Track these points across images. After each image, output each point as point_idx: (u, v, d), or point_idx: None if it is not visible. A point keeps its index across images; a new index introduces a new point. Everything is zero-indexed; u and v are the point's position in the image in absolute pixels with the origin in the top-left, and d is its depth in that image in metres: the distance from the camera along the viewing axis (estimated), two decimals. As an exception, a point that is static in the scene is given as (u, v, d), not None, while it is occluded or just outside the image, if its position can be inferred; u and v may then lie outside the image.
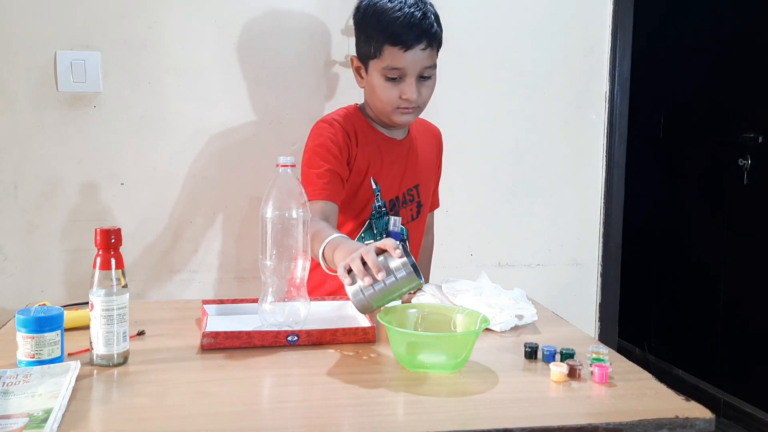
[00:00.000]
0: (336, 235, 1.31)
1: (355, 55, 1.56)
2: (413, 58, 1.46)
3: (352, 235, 1.56)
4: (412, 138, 1.66)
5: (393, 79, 1.48)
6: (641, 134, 3.01)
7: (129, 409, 0.94)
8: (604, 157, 2.16)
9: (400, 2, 1.46)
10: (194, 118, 1.90)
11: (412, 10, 1.45)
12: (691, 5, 3.11)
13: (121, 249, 1.08)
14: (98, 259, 1.07)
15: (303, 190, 1.26)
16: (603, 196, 2.17)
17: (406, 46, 1.45)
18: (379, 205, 1.58)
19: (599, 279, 2.20)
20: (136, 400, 0.97)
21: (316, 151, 1.51)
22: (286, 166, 1.25)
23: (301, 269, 1.25)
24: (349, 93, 1.97)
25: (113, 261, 1.07)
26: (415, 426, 0.90)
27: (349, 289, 1.15)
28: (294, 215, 1.23)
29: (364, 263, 1.13)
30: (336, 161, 1.50)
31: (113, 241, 1.07)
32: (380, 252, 1.15)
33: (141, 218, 1.89)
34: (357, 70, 1.57)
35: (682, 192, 3.16)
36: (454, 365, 1.08)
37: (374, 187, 1.57)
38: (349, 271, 1.15)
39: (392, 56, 1.46)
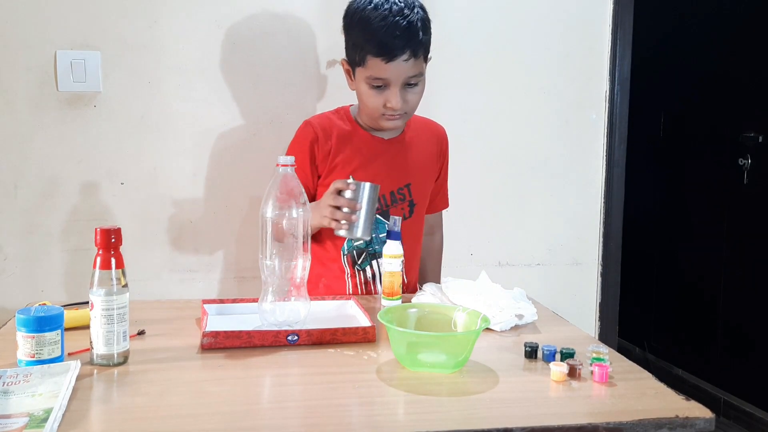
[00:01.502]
0: None
1: (345, 58, 1.57)
2: (396, 69, 1.44)
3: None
4: (406, 137, 1.64)
5: (378, 87, 1.48)
6: (641, 134, 3.01)
7: (129, 409, 0.94)
8: (604, 157, 2.16)
9: (385, 10, 1.43)
10: (194, 118, 1.90)
11: (397, 18, 1.42)
12: (691, 5, 3.11)
13: (121, 249, 1.09)
14: (98, 259, 1.07)
15: (303, 190, 1.26)
16: (603, 196, 2.17)
17: (389, 57, 1.43)
18: None
19: (599, 279, 2.20)
20: (136, 400, 0.97)
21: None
22: (286, 165, 1.25)
23: (301, 269, 1.25)
24: (349, 92, 1.97)
25: (113, 261, 1.07)
26: (415, 425, 0.90)
27: (343, 232, 1.36)
28: (294, 215, 1.23)
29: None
30: (306, 167, 1.55)
31: (113, 240, 1.07)
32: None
33: (141, 218, 1.89)
34: (347, 73, 1.57)
35: (682, 192, 3.16)
36: (454, 365, 1.08)
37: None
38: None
39: (375, 66, 1.45)
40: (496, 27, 2.05)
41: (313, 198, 1.56)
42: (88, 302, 1.09)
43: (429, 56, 1.53)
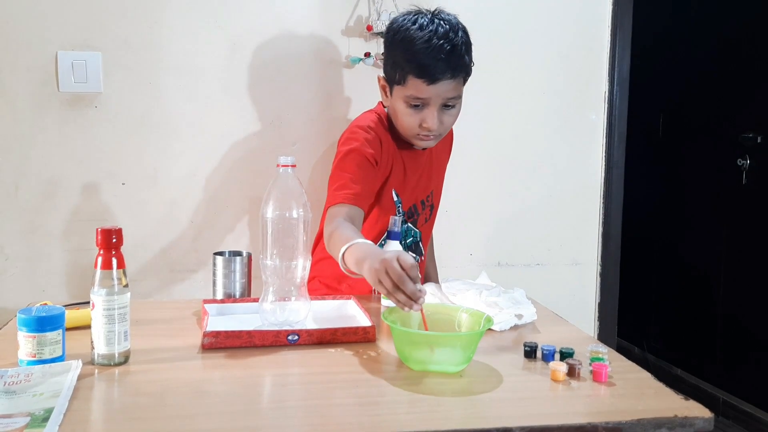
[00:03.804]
0: (358, 240, 1.25)
1: (383, 74, 1.54)
2: (437, 90, 1.43)
3: (373, 241, 1.51)
4: (431, 147, 1.63)
5: (416, 107, 1.46)
6: (641, 134, 3.01)
7: (130, 409, 0.95)
8: (604, 157, 2.16)
9: (431, 32, 1.41)
10: (194, 118, 1.90)
11: (442, 42, 1.40)
12: (690, 5, 3.11)
13: (122, 249, 1.09)
14: (99, 259, 1.07)
15: (303, 191, 1.26)
16: (603, 196, 2.18)
17: (431, 79, 1.41)
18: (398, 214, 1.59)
19: (599, 278, 2.21)
20: (137, 400, 0.97)
21: (351, 155, 1.48)
22: (286, 166, 1.25)
23: (301, 269, 1.25)
24: (349, 93, 1.97)
25: (114, 260, 1.07)
26: (416, 425, 0.90)
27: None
28: (294, 215, 1.23)
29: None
30: (371, 169, 1.48)
31: (114, 240, 1.07)
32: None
33: (141, 218, 1.90)
34: (383, 89, 1.55)
35: (682, 192, 3.17)
36: (458, 364, 1.08)
37: (395, 199, 1.57)
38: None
39: (416, 87, 1.43)
40: (496, 27, 2.05)
41: (372, 197, 1.52)
42: (89, 302, 1.09)
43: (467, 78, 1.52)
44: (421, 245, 1.66)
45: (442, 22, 1.43)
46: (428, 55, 1.40)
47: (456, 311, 1.18)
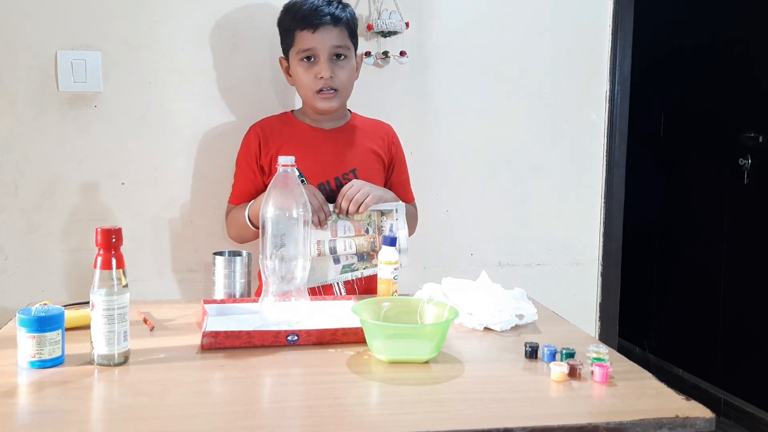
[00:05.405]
0: (252, 200, 1.59)
1: (282, 56, 1.70)
2: (321, 37, 1.58)
3: None
4: (351, 130, 1.72)
5: (308, 61, 1.60)
6: (641, 134, 3.01)
7: (129, 409, 0.94)
8: (605, 157, 2.16)
9: None
10: (194, 118, 1.90)
11: (321, 1, 1.61)
12: (691, 5, 3.11)
13: (122, 248, 1.09)
14: (99, 259, 1.07)
15: (303, 191, 1.26)
16: (603, 196, 2.17)
17: (313, 26, 1.58)
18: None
19: (599, 278, 2.20)
20: (137, 400, 0.97)
21: (237, 159, 1.72)
22: (286, 165, 1.25)
23: (301, 269, 1.25)
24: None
25: (114, 260, 1.07)
26: (416, 425, 0.90)
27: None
28: (294, 215, 1.23)
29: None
30: (248, 168, 1.68)
31: (114, 240, 1.07)
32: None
33: (141, 218, 1.89)
34: (286, 71, 1.70)
35: (682, 191, 3.16)
36: (429, 353, 1.11)
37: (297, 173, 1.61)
38: None
39: (302, 39, 1.60)
40: (497, 28, 2.05)
41: (255, 185, 1.69)
42: (88, 302, 1.09)
43: (358, 50, 1.69)
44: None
45: None
46: (308, 8, 1.60)
47: (417, 303, 1.21)
